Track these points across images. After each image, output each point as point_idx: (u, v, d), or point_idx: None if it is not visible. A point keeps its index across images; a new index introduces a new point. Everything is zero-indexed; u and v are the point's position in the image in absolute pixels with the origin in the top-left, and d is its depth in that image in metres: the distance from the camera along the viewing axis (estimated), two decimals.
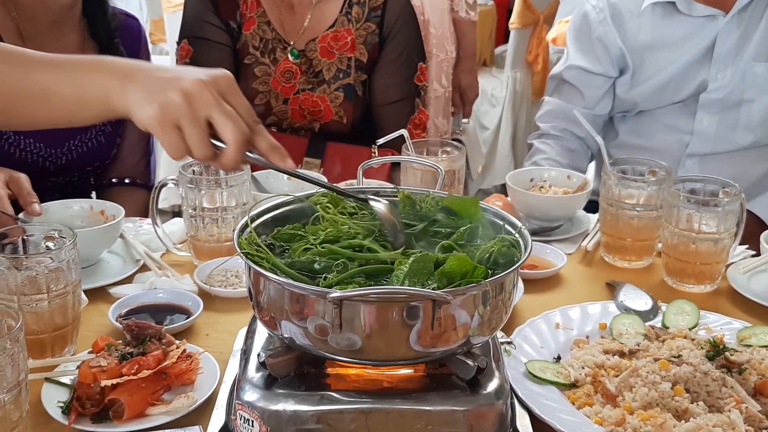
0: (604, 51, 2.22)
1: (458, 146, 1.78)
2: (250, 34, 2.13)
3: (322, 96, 2.15)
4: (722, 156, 2.18)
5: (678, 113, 2.19)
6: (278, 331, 1.02)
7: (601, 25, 2.22)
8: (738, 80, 2.11)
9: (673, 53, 2.15)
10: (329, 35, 2.16)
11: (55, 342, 1.25)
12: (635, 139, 2.26)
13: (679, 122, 2.19)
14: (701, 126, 2.17)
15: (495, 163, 4.46)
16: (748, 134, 2.15)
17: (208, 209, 1.58)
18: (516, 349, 1.27)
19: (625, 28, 2.20)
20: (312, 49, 2.15)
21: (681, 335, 1.32)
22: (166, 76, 1.07)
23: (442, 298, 0.94)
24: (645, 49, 2.18)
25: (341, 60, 2.16)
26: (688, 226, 1.53)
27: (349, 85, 2.17)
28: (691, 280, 1.56)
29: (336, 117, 2.17)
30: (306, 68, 2.14)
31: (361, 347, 0.96)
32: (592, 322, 1.39)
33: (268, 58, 2.14)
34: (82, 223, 1.63)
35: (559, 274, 1.61)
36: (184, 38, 2.17)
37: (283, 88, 2.14)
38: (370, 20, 2.18)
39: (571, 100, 2.29)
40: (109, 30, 2.01)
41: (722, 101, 2.13)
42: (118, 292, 1.47)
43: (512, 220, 1.15)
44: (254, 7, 2.15)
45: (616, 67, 2.23)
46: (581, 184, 1.84)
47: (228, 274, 1.53)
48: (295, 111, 2.15)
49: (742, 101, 2.13)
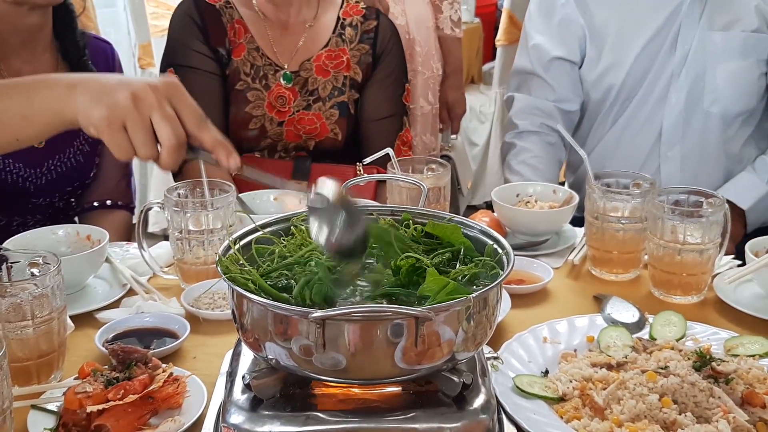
0: (567, 33, 2.28)
1: (443, 163, 1.79)
2: (241, 60, 2.14)
3: (317, 114, 2.16)
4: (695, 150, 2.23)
5: (647, 104, 2.24)
6: (263, 353, 1.02)
7: (564, 7, 2.28)
8: (697, 49, 2.18)
9: (639, 24, 2.21)
10: (323, 54, 2.18)
11: (41, 369, 1.25)
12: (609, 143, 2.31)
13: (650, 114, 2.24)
14: (671, 103, 2.22)
15: (485, 180, 4.47)
16: (715, 103, 2.20)
17: (194, 232, 1.58)
18: (503, 364, 1.27)
19: (588, 8, 2.26)
20: (307, 68, 2.17)
21: (668, 346, 1.32)
22: (112, 82, 1.13)
23: (424, 315, 0.94)
24: (608, 27, 2.24)
25: (336, 78, 2.18)
26: (673, 238, 1.53)
27: (343, 103, 2.19)
28: (677, 291, 1.56)
29: (331, 134, 2.19)
30: (300, 88, 2.15)
31: (346, 366, 0.97)
32: (579, 336, 1.39)
33: (259, 83, 2.14)
34: (68, 249, 1.62)
35: (547, 288, 1.61)
36: (170, 66, 2.16)
37: (277, 113, 2.15)
38: (363, 41, 2.22)
39: (541, 93, 2.33)
40: (78, 48, 2.03)
41: (687, 70, 2.19)
42: (104, 317, 1.47)
43: (495, 236, 1.15)
44: (242, 33, 2.15)
45: (578, 50, 2.28)
46: (567, 198, 1.85)
47: (215, 296, 1.53)
48: (291, 132, 2.16)
49: (706, 68, 2.19)
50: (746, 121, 2.25)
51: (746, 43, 2.18)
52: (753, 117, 2.26)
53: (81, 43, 2.04)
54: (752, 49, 2.19)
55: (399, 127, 2.27)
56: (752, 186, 2.19)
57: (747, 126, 2.26)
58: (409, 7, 2.68)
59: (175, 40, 2.18)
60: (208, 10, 2.16)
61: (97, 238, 1.62)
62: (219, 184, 1.64)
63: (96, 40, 2.15)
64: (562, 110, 2.32)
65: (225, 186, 1.63)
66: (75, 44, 2.03)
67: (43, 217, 2.06)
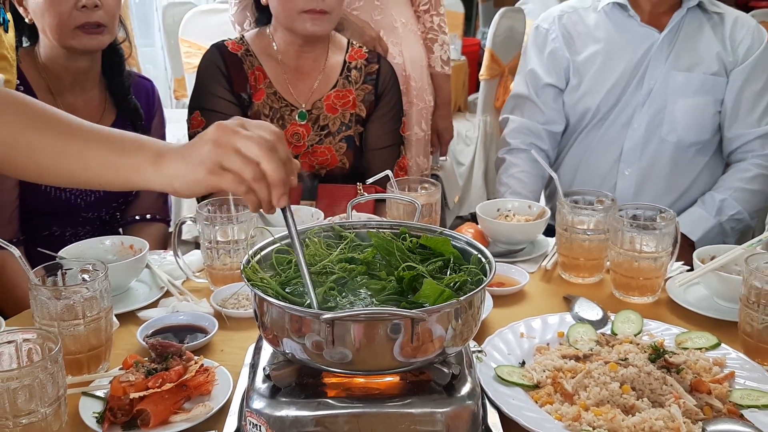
0: (555, 63, 2.30)
1: (434, 183, 1.79)
2: (261, 103, 2.12)
3: (328, 147, 2.16)
4: (649, 170, 2.25)
5: (614, 127, 2.25)
6: (281, 348, 1.02)
7: (553, 42, 2.31)
8: (662, 85, 2.19)
9: (615, 60, 2.23)
10: (332, 95, 2.17)
11: (91, 361, 1.25)
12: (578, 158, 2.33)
13: (615, 136, 2.25)
14: (633, 128, 2.23)
15: (470, 194, 4.47)
16: (672, 132, 2.20)
17: (222, 242, 1.58)
18: (486, 356, 1.27)
19: (574, 45, 2.29)
20: (318, 107, 2.16)
21: (627, 341, 1.33)
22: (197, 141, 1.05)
23: (419, 317, 0.94)
24: (589, 62, 2.26)
25: (344, 115, 2.18)
26: (632, 247, 1.54)
27: (350, 137, 2.19)
28: (635, 292, 1.56)
29: (340, 163, 2.19)
30: (313, 124, 2.15)
31: (352, 360, 0.97)
32: (551, 331, 1.39)
33: (277, 123, 2.13)
34: (113, 257, 1.63)
35: (523, 290, 1.61)
36: (197, 109, 2.14)
37: (294, 147, 2.15)
38: (367, 82, 2.22)
39: (533, 116, 2.35)
40: (123, 87, 2.04)
41: (651, 102, 2.20)
42: (145, 316, 1.47)
43: (480, 248, 1.15)
44: (262, 79, 2.14)
45: (563, 79, 2.30)
46: (540, 213, 1.85)
47: (240, 297, 1.53)
48: (305, 163, 2.16)
49: (666, 102, 2.20)
50: (700, 151, 2.24)
51: (705, 83, 2.18)
52: (707, 148, 2.25)
53: (126, 83, 2.04)
54: (710, 89, 2.19)
55: (397, 154, 2.28)
56: (701, 219, 2.18)
57: (701, 155, 2.24)
58: (406, 48, 2.69)
59: (202, 86, 2.15)
60: (231, 59, 2.14)
61: (139, 248, 1.63)
62: (243, 201, 1.63)
63: (139, 78, 2.16)
64: (549, 131, 2.33)
65: None
66: (121, 84, 2.03)
67: (92, 228, 2.06)
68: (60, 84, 1.94)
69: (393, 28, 2.66)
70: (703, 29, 2.21)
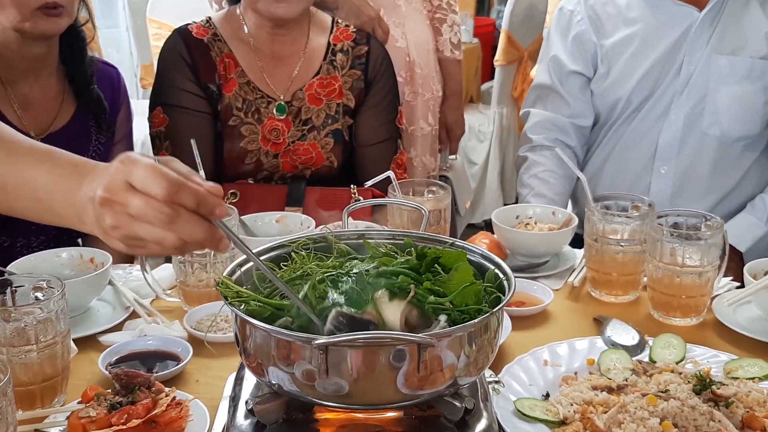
0: (581, 49, 2.31)
1: (443, 186, 1.79)
2: (232, 95, 2.11)
3: (312, 143, 2.15)
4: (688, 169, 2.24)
5: (648, 119, 2.25)
6: (266, 378, 1.01)
7: (578, 25, 2.31)
8: (702, 71, 2.19)
9: (649, 44, 2.23)
10: (315, 83, 2.17)
11: (45, 393, 1.24)
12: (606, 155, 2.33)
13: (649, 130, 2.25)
14: (670, 120, 2.22)
15: (484, 198, 4.48)
16: (714, 125, 2.20)
17: (197, 254, 1.57)
18: (504, 388, 1.27)
19: (603, 27, 2.29)
20: (299, 98, 2.15)
21: (668, 369, 1.32)
22: None
23: (427, 342, 0.94)
24: (620, 47, 2.26)
25: (329, 106, 2.17)
26: (672, 260, 1.53)
27: (337, 131, 2.18)
28: (677, 313, 1.56)
29: (327, 162, 2.18)
30: (293, 118, 2.14)
31: (349, 392, 0.96)
32: (580, 358, 1.39)
33: (252, 117, 2.12)
34: (71, 272, 1.62)
35: (547, 311, 1.61)
36: (159, 105, 2.13)
37: (273, 145, 2.14)
38: (355, 67, 2.21)
39: (558, 109, 2.35)
40: (85, 76, 2.03)
41: (690, 90, 2.20)
42: (107, 340, 1.47)
43: (496, 261, 1.15)
44: (232, 67, 2.13)
45: (591, 66, 2.31)
46: (566, 220, 1.85)
47: (218, 319, 1.52)
48: (287, 163, 2.15)
49: (708, 90, 2.19)
50: (748, 147, 2.23)
51: (752, 69, 2.18)
52: (756, 144, 2.24)
53: (89, 71, 2.04)
54: (758, 75, 2.18)
55: (394, 150, 2.28)
56: (750, 227, 2.18)
57: (749, 152, 2.24)
58: (410, 29, 2.70)
59: (164, 78, 2.14)
60: (196, 46, 2.13)
61: (101, 261, 1.62)
62: None
63: (103, 64, 2.15)
64: (576, 126, 2.34)
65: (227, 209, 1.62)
66: (83, 71, 2.03)
67: (47, 238, 2.05)
68: (12, 72, 1.94)
69: (395, 6, 2.66)
70: (750, 6, 2.21)
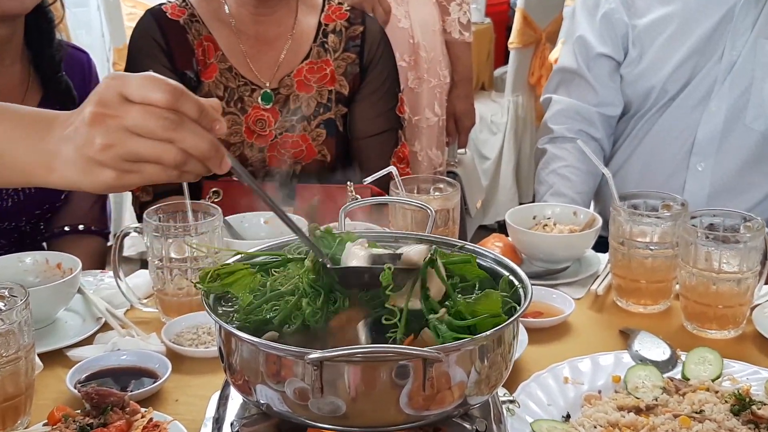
0: (610, 29, 2.30)
1: (452, 182, 1.79)
2: (212, 82, 2.12)
3: (302, 135, 2.15)
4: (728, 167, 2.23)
5: (684, 111, 2.25)
6: (253, 397, 1.02)
7: (607, 3, 2.31)
8: (747, 57, 2.18)
9: (688, 27, 2.22)
10: (304, 67, 2.17)
11: (7, 414, 1.25)
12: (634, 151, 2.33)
13: (686, 122, 2.24)
14: (710, 112, 2.22)
15: (497, 197, 4.49)
16: (759, 118, 2.20)
17: (177, 260, 1.58)
18: (520, 408, 1.27)
19: (635, 6, 2.29)
20: (287, 84, 2.15)
21: (703, 388, 1.32)
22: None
23: (433, 356, 0.94)
24: (654, 28, 2.26)
25: (321, 93, 2.17)
26: (708, 266, 1.54)
27: (330, 120, 2.18)
28: (712, 325, 1.56)
29: (319, 156, 2.18)
30: (281, 107, 2.15)
31: (346, 412, 0.96)
32: (604, 375, 1.39)
33: (235, 107, 2.13)
34: (36, 279, 1.63)
35: (567, 322, 1.61)
36: None
37: (258, 137, 2.14)
38: (349, 50, 2.21)
39: (583, 96, 2.34)
40: (53, 62, 2.04)
41: (732, 78, 2.19)
42: (76, 355, 1.47)
43: (511, 266, 1.15)
44: (212, 52, 2.13)
45: (621, 49, 2.30)
46: (589, 221, 1.86)
47: (199, 331, 1.53)
48: (274, 157, 2.15)
49: (753, 79, 2.19)
50: None
51: None
52: None
53: (57, 57, 2.04)
54: None
55: (394, 142, 2.27)
56: None
57: None
58: (414, 8, 2.70)
59: (135, 65, 2.14)
60: (171, 28, 2.13)
61: (69, 267, 1.63)
62: (203, 207, 1.64)
63: (72, 49, 2.15)
64: (603, 116, 2.33)
65: (210, 209, 1.63)
66: (50, 57, 2.03)
67: (9, 242, 2.06)
68: None
69: None
70: None
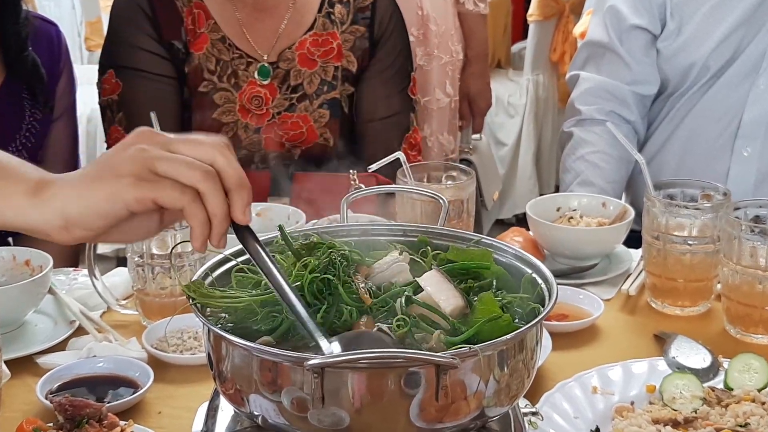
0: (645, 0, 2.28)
1: (466, 170, 1.80)
2: (203, 55, 2.12)
3: (303, 115, 2.15)
4: None
5: (730, 89, 2.24)
6: (246, 408, 1.02)
7: None
8: None
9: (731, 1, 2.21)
10: (308, 40, 2.17)
11: None
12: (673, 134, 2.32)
13: (731, 103, 2.23)
14: (758, 90, 2.21)
15: (515, 187, 4.49)
16: None
17: (158, 256, 1.58)
18: (543, 421, 1.27)
19: None
20: (288, 58, 2.15)
21: (748, 398, 1.32)
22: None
23: (448, 362, 0.94)
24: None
25: (325, 70, 2.17)
26: (753, 262, 1.54)
27: (334, 100, 2.18)
28: (758, 328, 1.56)
29: (321, 139, 2.18)
30: (280, 84, 2.14)
31: (350, 425, 0.96)
32: (637, 385, 1.40)
33: (228, 82, 2.13)
34: (2, 278, 1.63)
35: (596, 325, 1.62)
36: (110, 68, 2.14)
37: (253, 117, 2.14)
38: (357, 22, 2.21)
39: (615, 73, 2.32)
40: (19, 38, 2.03)
41: None
42: (47, 363, 1.47)
43: (534, 262, 1.15)
44: (203, 20, 2.13)
45: (658, 21, 2.28)
46: (620, 213, 1.86)
47: (185, 335, 1.53)
48: (270, 140, 2.15)
49: None
50: None
51: None
52: None
53: (23, 32, 2.03)
54: None
55: (406, 127, 2.28)
56: None
57: None
58: None
59: (118, 35, 2.15)
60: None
61: (39, 264, 1.63)
62: None
63: (40, 21, 2.15)
64: (638, 95, 2.31)
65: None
66: (16, 33, 2.02)
67: None
68: None
69: None
70: None
